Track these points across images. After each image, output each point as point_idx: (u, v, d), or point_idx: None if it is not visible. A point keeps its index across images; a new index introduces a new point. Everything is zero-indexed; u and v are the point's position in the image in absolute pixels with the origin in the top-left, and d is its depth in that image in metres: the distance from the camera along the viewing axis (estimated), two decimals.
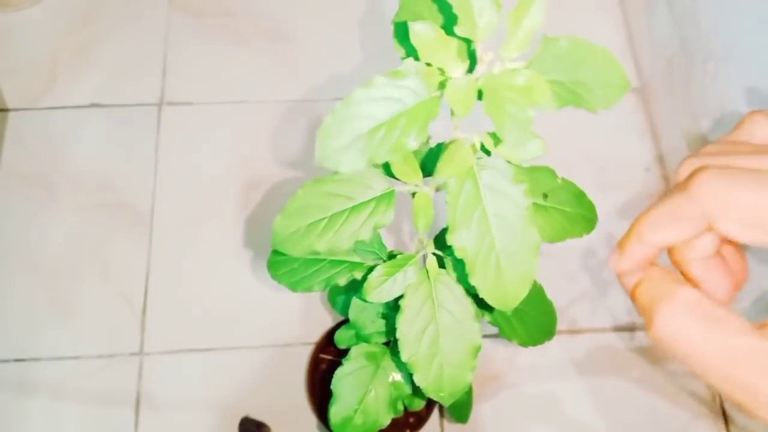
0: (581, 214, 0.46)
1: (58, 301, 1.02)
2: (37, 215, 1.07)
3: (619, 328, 1.03)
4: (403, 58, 0.38)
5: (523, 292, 0.35)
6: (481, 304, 0.55)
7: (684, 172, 0.33)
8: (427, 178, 0.43)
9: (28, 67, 1.19)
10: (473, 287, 0.36)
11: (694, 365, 0.30)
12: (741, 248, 0.37)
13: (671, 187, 0.33)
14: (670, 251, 0.35)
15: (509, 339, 0.60)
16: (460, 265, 0.47)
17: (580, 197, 0.45)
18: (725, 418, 0.98)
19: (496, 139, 0.35)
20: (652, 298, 0.32)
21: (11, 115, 1.14)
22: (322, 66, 1.20)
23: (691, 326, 0.30)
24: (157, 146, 1.13)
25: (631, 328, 1.02)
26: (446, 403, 0.47)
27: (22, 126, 1.13)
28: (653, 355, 1.01)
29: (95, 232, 1.07)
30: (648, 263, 0.33)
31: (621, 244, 0.34)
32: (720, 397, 0.99)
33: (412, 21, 0.38)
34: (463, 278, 0.47)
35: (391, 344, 0.63)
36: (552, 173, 0.42)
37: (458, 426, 0.93)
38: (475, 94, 0.31)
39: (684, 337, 0.30)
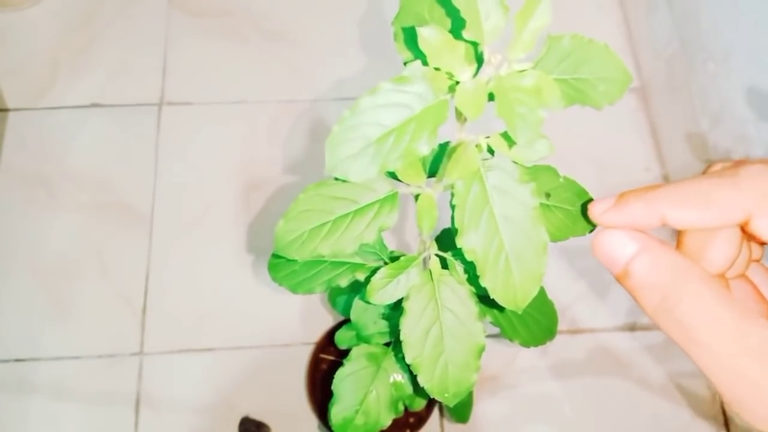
0: (583, 213, 0.46)
1: (58, 301, 1.02)
2: (37, 215, 1.07)
3: (619, 328, 1.03)
4: (406, 62, 0.38)
5: (533, 292, 0.35)
6: (485, 304, 0.55)
7: (718, 167, 0.31)
8: (429, 179, 0.43)
9: (28, 67, 1.19)
10: (481, 288, 0.36)
11: (702, 352, 0.28)
12: None
13: (706, 173, 0.31)
14: (681, 239, 0.32)
15: (510, 339, 0.60)
16: (470, 267, 0.47)
17: (582, 195, 0.45)
18: (725, 418, 0.98)
19: (509, 140, 0.35)
20: (670, 275, 0.29)
21: (11, 115, 1.14)
22: (322, 66, 1.20)
23: (712, 311, 0.28)
24: (157, 146, 1.13)
25: (631, 328, 1.03)
26: (450, 404, 0.47)
27: (22, 126, 1.13)
28: (653, 355, 1.01)
29: (95, 232, 1.07)
30: (638, 232, 0.30)
31: (623, 198, 0.31)
32: (720, 397, 0.99)
33: (414, 23, 0.38)
34: (472, 280, 0.47)
35: (393, 345, 0.63)
36: (554, 172, 0.42)
37: (458, 426, 0.93)
38: (485, 97, 0.31)
39: (701, 322, 0.28)
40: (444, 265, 0.49)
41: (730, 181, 0.28)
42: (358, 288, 0.60)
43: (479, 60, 0.33)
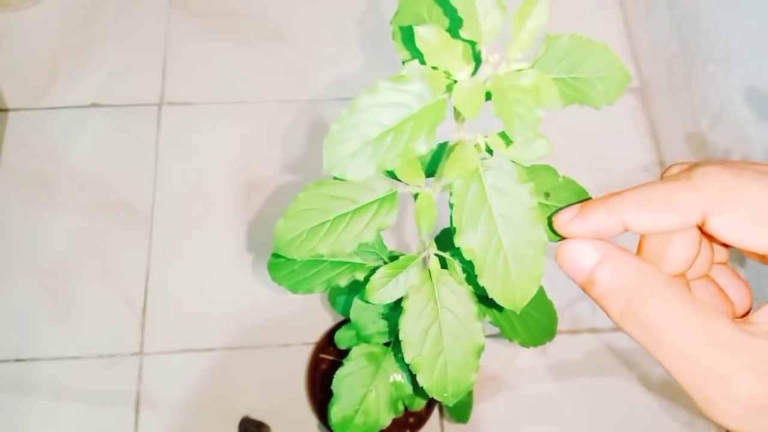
0: None
1: (58, 301, 1.02)
2: (37, 215, 1.07)
3: (619, 328, 1.03)
4: (404, 61, 0.38)
5: (532, 291, 0.35)
6: (485, 303, 0.55)
7: (674, 171, 0.31)
8: (428, 179, 0.43)
9: (28, 67, 1.19)
10: (480, 288, 0.36)
11: (670, 353, 0.28)
12: (736, 271, 0.35)
13: (663, 177, 0.32)
14: (641, 243, 0.33)
15: (510, 339, 0.60)
16: (468, 267, 0.47)
17: (581, 195, 0.45)
18: None
19: (507, 139, 0.35)
20: (633, 280, 0.29)
21: (11, 115, 1.14)
22: (322, 66, 1.20)
23: (676, 311, 0.28)
24: (157, 146, 1.13)
25: None
26: (449, 404, 0.47)
27: (22, 126, 1.13)
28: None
29: (95, 232, 1.07)
30: (600, 239, 0.31)
31: (585, 208, 0.31)
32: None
33: (412, 23, 0.38)
34: (471, 279, 0.47)
35: (392, 345, 0.63)
36: (553, 172, 0.42)
37: (458, 426, 0.93)
38: (483, 97, 0.31)
39: (667, 323, 0.28)
40: (443, 264, 0.49)
41: (685, 184, 0.29)
42: (357, 288, 0.60)
43: (477, 59, 0.33)
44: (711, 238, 0.32)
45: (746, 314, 0.34)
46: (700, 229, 0.30)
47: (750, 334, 0.27)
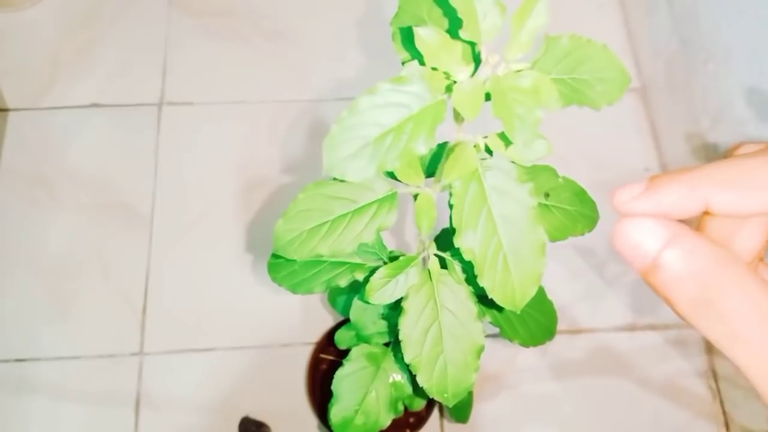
0: (582, 212, 0.46)
1: (58, 301, 1.02)
2: (37, 215, 1.07)
3: (619, 328, 1.03)
4: (404, 62, 0.38)
5: (532, 292, 0.35)
6: (484, 304, 0.55)
7: (751, 148, 0.28)
8: (428, 179, 0.43)
9: (28, 67, 1.19)
10: (480, 288, 0.36)
11: (748, 349, 0.25)
12: None
13: (737, 153, 0.28)
14: (702, 227, 0.29)
15: (510, 339, 0.61)
16: (468, 267, 0.47)
17: (581, 195, 0.45)
18: (725, 418, 0.98)
19: (506, 140, 0.35)
20: (709, 266, 0.26)
21: (11, 115, 1.14)
22: (322, 66, 1.20)
23: (761, 303, 0.25)
24: (157, 146, 1.13)
25: (631, 328, 1.03)
26: (449, 404, 0.47)
27: (22, 126, 1.13)
28: (653, 355, 1.01)
29: (95, 232, 1.07)
30: (669, 220, 0.27)
31: (657, 181, 0.27)
32: (720, 397, 0.99)
33: (412, 24, 0.38)
34: (471, 279, 0.47)
35: (392, 345, 0.63)
36: (553, 172, 0.42)
37: (458, 426, 0.93)
38: (482, 97, 0.31)
39: (749, 315, 0.25)
40: (443, 264, 0.49)
41: None
42: (357, 288, 0.60)
43: (477, 60, 0.33)
44: None
45: None
46: None
47: None
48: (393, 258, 0.51)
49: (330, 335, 0.90)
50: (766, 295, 0.25)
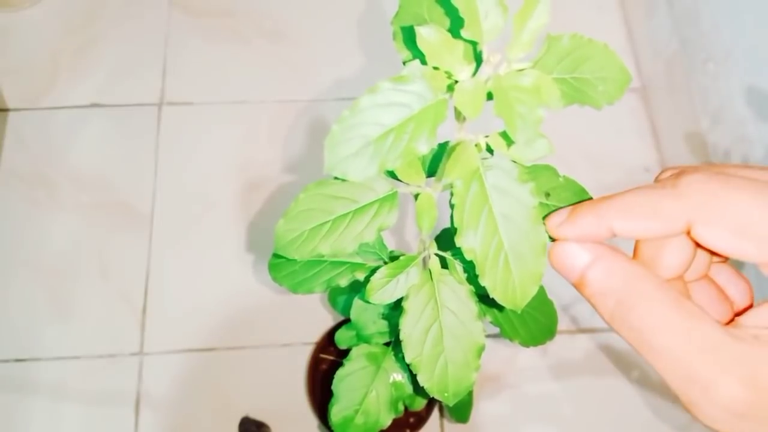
0: None
1: (58, 300, 1.02)
2: (37, 215, 1.07)
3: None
4: (405, 61, 0.38)
5: (533, 291, 0.35)
6: (485, 303, 0.55)
7: (666, 175, 0.31)
8: (429, 179, 0.43)
9: (28, 67, 1.19)
10: (481, 287, 0.36)
11: (657, 355, 0.28)
12: (736, 268, 0.35)
13: (652, 183, 0.31)
14: (637, 247, 0.33)
15: (510, 339, 0.60)
16: (469, 267, 0.47)
17: (581, 195, 0.45)
18: None
19: (508, 139, 0.35)
20: (623, 282, 0.30)
21: (11, 115, 1.14)
22: (322, 66, 1.20)
23: (664, 315, 0.28)
24: (157, 146, 1.13)
25: None
26: (450, 403, 0.47)
27: (22, 126, 1.13)
28: None
29: (95, 232, 1.07)
30: (592, 242, 0.31)
31: (575, 212, 0.32)
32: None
33: (413, 23, 0.38)
34: (472, 279, 0.47)
35: (393, 345, 0.63)
36: (554, 172, 0.42)
37: (458, 426, 0.93)
38: (484, 96, 0.31)
39: (654, 326, 0.28)
40: (444, 264, 0.49)
41: (670, 192, 0.29)
42: (357, 288, 0.60)
43: (478, 59, 0.33)
44: (698, 245, 0.32)
45: (746, 310, 0.34)
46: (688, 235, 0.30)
47: (735, 337, 0.27)
48: (394, 258, 0.50)
49: (330, 335, 0.90)
50: (672, 307, 0.28)
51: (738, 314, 0.34)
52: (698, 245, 0.31)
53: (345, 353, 0.64)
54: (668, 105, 1.13)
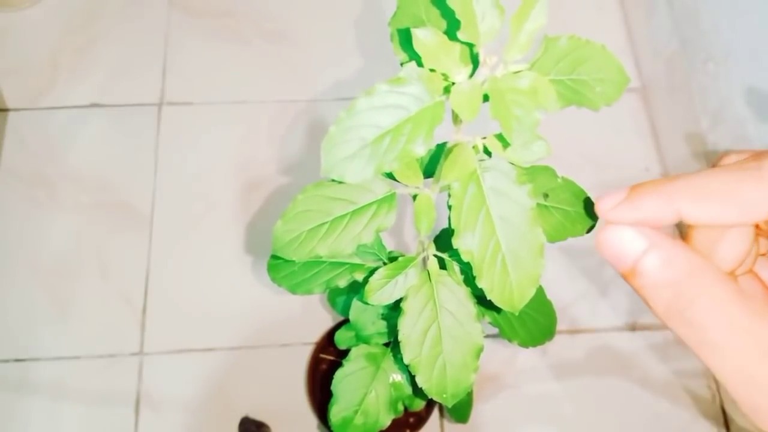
0: (582, 213, 0.46)
1: (58, 300, 1.02)
2: (37, 215, 1.07)
3: (619, 328, 1.03)
4: (402, 63, 0.38)
5: (530, 293, 0.35)
6: (484, 305, 0.55)
7: (732, 159, 0.29)
8: (427, 180, 0.43)
9: (28, 67, 1.19)
10: (479, 289, 0.36)
11: (716, 355, 0.26)
12: None
13: (719, 165, 0.29)
14: (689, 236, 0.31)
15: (509, 340, 0.61)
16: (467, 268, 0.47)
17: (580, 196, 0.45)
18: (725, 418, 0.98)
19: (505, 141, 0.35)
20: (682, 274, 0.27)
21: (11, 115, 1.14)
22: (322, 66, 1.20)
23: (727, 311, 0.26)
24: (157, 146, 1.13)
25: (631, 328, 1.03)
26: (448, 404, 0.47)
27: (22, 126, 1.13)
28: (653, 355, 1.01)
29: (95, 232, 1.07)
30: (649, 228, 0.28)
31: (635, 193, 0.28)
32: (720, 397, 0.99)
33: (411, 25, 0.38)
34: (470, 280, 0.47)
35: (392, 345, 0.63)
36: (552, 173, 0.42)
37: (458, 426, 0.93)
38: (480, 99, 0.31)
39: (716, 323, 0.26)
40: (442, 265, 0.49)
41: (754, 175, 0.26)
42: (357, 288, 0.60)
43: (475, 61, 0.33)
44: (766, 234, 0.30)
45: None
46: (757, 225, 0.29)
47: None
48: (392, 259, 0.51)
49: (330, 335, 0.90)
50: (736, 303, 0.26)
51: None
52: (765, 234, 0.29)
53: (345, 353, 0.64)
54: (668, 105, 1.13)
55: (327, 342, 0.91)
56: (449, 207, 0.35)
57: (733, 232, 0.29)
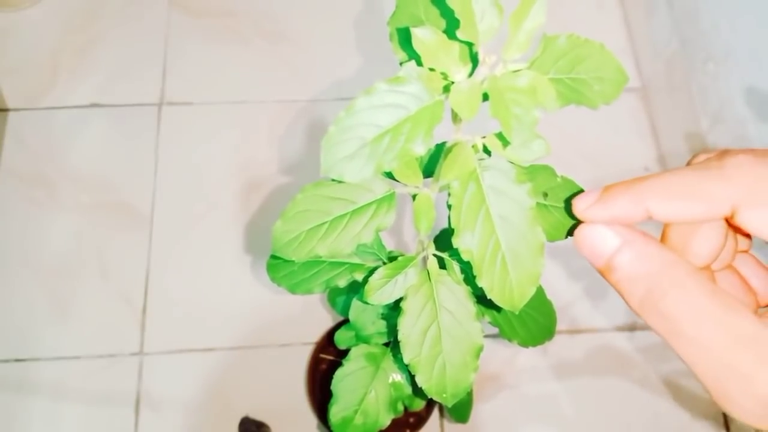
0: None
1: (58, 301, 1.02)
2: (37, 215, 1.07)
3: (619, 328, 1.03)
4: (401, 62, 0.38)
5: (530, 292, 0.35)
6: (483, 304, 0.55)
7: (702, 158, 0.30)
8: (427, 179, 0.43)
9: (28, 67, 1.19)
10: (479, 288, 0.36)
11: (689, 346, 0.27)
12: (759, 260, 0.34)
13: (690, 164, 0.30)
14: (665, 232, 0.32)
15: (509, 339, 0.60)
16: (467, 267, 0.47)
17: None
18: (725, 418, 0.98)
19: (504, 140, 0.35)
20: (654, 268, 0.28)
21: (11, 115, 1.14)
22: (322, 66, 1.20)
23: (698, 303, 0.27)
24: (157, 146, 1.13)
25: (631, 328, 1.03)
26: (448, 404, 0.47)
27: (22, 126, 1.13)
28: (653, 355, 1.01)
29: (95, 232, 1.07)
30: (624, 226, 0.30)
31: (608, 193, 0.30)
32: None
33: (410, 24, 0.38)
34: (469, 280, 0.47)
35: (392, 345, 0.63)
36: (551, 172, 0.42)
37: (458, 426, 0.93)
38: (479, 98, 0.31)
39: (688, 315, 0.27)
40: (442, 265, 0.49)
41: (716, 173, 0.28)
42: (356, 288, 0.60)
43: (474, 60, 0.33)
44: (737, 230, 0.31)
45: None
46: (727, 220, 0.29)
47: None
48: (392, 258, 0.50)
49: (330, 335, 0.90)
50: (706, 295, 0.27)
51: (765, 305, 0.33)
52: (736, 230, 0.30)
53: (345, 353, 0.64)
54: (668, 105, 1.13)
55: (327, 342, 0.91)
56: (449, 206, 0.35)
57: (705, 229, 0.30)
